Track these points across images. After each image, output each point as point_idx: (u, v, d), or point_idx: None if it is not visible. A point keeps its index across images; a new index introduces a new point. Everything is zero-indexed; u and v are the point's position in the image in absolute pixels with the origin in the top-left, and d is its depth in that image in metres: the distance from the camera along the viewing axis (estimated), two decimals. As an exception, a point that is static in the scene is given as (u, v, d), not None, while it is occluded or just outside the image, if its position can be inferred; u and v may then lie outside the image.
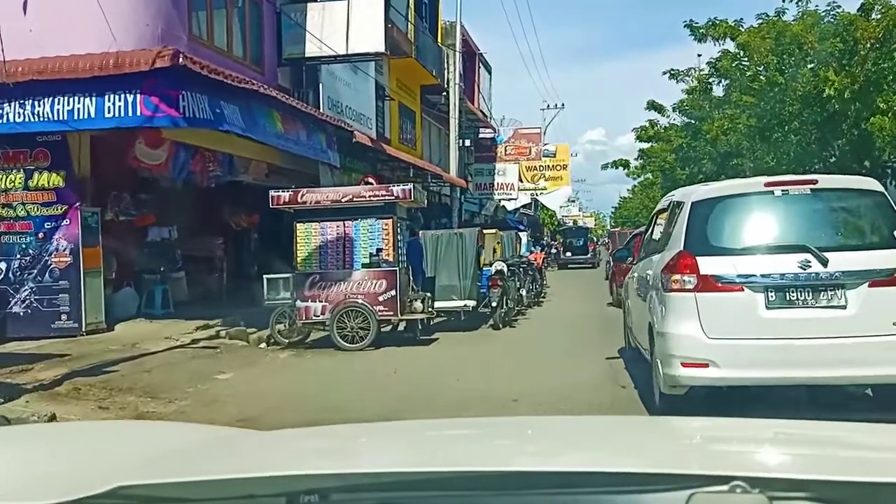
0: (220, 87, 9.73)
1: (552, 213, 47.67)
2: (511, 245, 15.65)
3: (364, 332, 9.88)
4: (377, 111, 20.02)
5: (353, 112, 16.25)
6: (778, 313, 5.03)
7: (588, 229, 41.20)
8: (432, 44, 23.22)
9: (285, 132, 11.90)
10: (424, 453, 1.49)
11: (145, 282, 11.55)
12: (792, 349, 4.98)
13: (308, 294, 10.03)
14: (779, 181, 5.57)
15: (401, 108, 22.26)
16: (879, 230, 5.27)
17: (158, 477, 1.19)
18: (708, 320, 5.06)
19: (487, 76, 31.75)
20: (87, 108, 9.13)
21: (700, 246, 5.26)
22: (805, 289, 5.05)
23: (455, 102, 23.85)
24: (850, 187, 5.74)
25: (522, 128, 33.62)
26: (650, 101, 30.49)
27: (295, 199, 9.99)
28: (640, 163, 36.32)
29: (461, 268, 11.72)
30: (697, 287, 5.13)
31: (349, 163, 16.20)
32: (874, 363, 4.88)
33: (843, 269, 5.02)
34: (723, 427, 1.82)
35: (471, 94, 29.09)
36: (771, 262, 5.12)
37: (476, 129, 30.05)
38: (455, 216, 23.94)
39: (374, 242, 10.04)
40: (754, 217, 5.44)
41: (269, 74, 14.00)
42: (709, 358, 5.02)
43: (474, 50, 29.38)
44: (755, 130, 25.96)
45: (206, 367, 8.36)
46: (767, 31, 22.58)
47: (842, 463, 1.37)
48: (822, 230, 5.37)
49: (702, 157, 33.19)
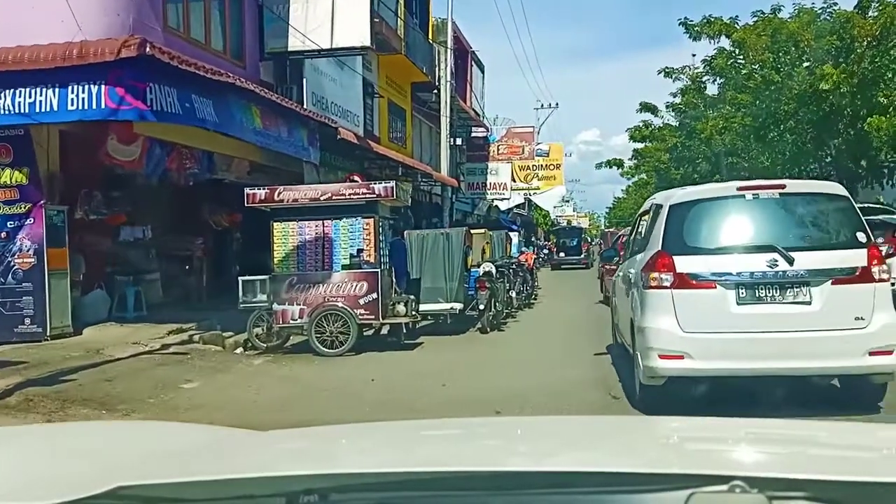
0: (191, 79, 9.20)
1: (546, 214, 47.19)
2: (501, 245, 15.14)
3: (344, 337, 9.37)
4: (365, 108, 19.50)
5: (340, 109, 15.74)
6: (748, 309, 5.36)
7: (582, 229, 40.72)
8: (423, 41, 22.72)
9: (264, 128, 11.37)
10: (424, 453, 1.48)
11: (117, 283, 11.01)
12: (761, 342, 5.30)
13: (285, 297, 9.51)
14: (750, 185, 5.87)
15: (390, 106, 21.75)
16: (843, 232, 5.57)
17: (158, 477, 1.19)
18: (683, 315, 5.38)
19: (480, 75, 31.25)
20: (49, 100, 8.59)
21: (677, 246, 5.57)
22: (773, 286, 5.37)
23: (446, 100, 23.34)
24: (816, 192, 6.09)
25: (515, 127, 33.10)
26: (643, 103, 30.07)
27: (271, 198, 9.47)
28: (634, 163, 35.99)
29: (447, 269, 11.21)
30: (674, 284, 5.45)
31: (335, 160, 15.68)
32: (837, 355, 5.22)
33: (808, 267, 5.34)
34: (721, 427, 1.82)
35: (463, 92, 28.59)
36: (742, 261, 5.44)
37: (468, 127, 29.55)
38: (446, 216, 23.43)
39: (355, 243, 9.53)
40: (727, 219, 5.73)
41: (250, 69, 13.48)
42: (684, 350, 5.33)
43: (466, 48, 28.89)
44: (750, 130, 25.58)
45: (173, 374, 7.83)
46: (763, 29, 22.17)
47: (841, 463, 1.36)
48: (790, 231, 5.63)
49: (696, 157, 32.84)
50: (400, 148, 21.83)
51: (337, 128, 13.77)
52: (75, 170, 10.56)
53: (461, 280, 11.25)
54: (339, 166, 15.61)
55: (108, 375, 7.56)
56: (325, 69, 15.09)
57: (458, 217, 30.09)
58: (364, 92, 19.43)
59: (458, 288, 11.18)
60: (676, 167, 33.35)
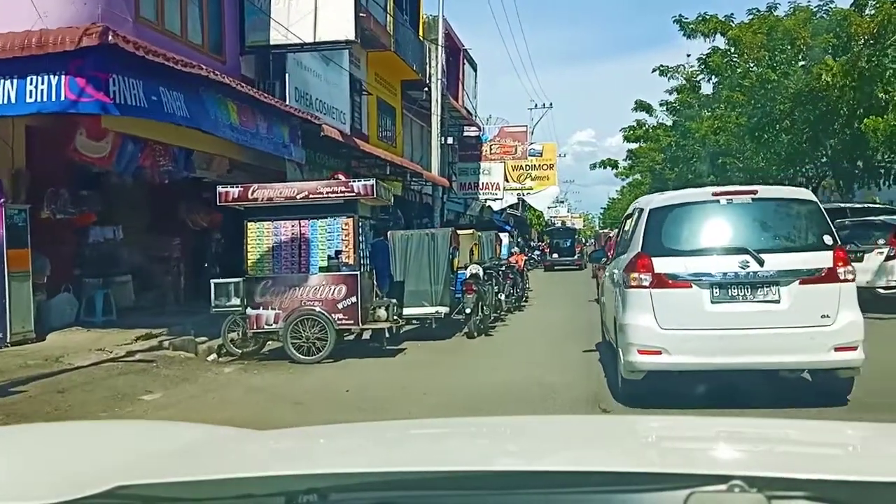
0: (159, 71, 8.66)
1: (540, 214, 46.66)
2: (490, 247, 14.60)
3: (321, 343, 8.83)
4: (353, 106, 18.99)
5: (325, 105, 15.20)
6: (721, 307, 5.63)
7: (575, 230, 40.15)
8: (413, 37, 22.19)
9: (241, 124, 10.82)
10: (424, 452, 1.48)
11: (85, 286, 10.44)
12: (733, 338, 5.57)
13: (259, 301, 8.97)
14: (724, 191, 6.16)
15: (380, 104, 21.23)
16: (810, 235, 5.85)
17: (157, 477, 1.19)
18: (661, 313, 5.65)
19: (472, 73, 30.74)
20: (6, 92, 8.03)
21: (656, 248, 5.84)
22: (744, 286, 5.64)
23: (437, 98, 22.82)
24: (786, 197, 6.36)
25: (508, 126, 32.53)
26: (638, 101, 29.62)
27: (245, 196, 8.92)
28: (629, 163, 35.52)
29: (433, 271, 10.67)
30: (652, 284, 5.70)
31: (320, 158, 15.15)
32: (804, 351, 5.52)
33: (778, 268, 5.62)
34: (720, 427, 1.82)
35: (455, 91, 28.08)
36: (716, 263, 5.71)
37: (460, 127, 29.03)
38: (437, 216, 22.91)
39: (333, 244, 8.99)
40: (703, 223, 6.01)
41: (230, 63, 12.94)
42: (662, 346, 5.60)
43: (458, 46, 28.38)
44: (745, 130, 25.17)
45: (134, 384, 7.28)
46: (759, 26, 21.72)
47: (840, 462, 1.36)
48: (761, 234, 5.88)
49: (691, 157, 32.41)
50: (390, 147, 21.30)
51: (320, 125, 13.22)
52: (42, 167, 10.00)
53: (447, 283, 10.72)
54: (325, 165, 15.07)
55: (63, 386, 7.01)
56: (309, 64, 14.55)
57: (451, 217, 29.57)
58: (352, 89, 18.91)
59: (443, 291, 10.65)
60: (671, 167, 32.90)
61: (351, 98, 18.92)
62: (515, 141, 32.09)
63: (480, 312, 10.83)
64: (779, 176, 33.45)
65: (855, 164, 22.73)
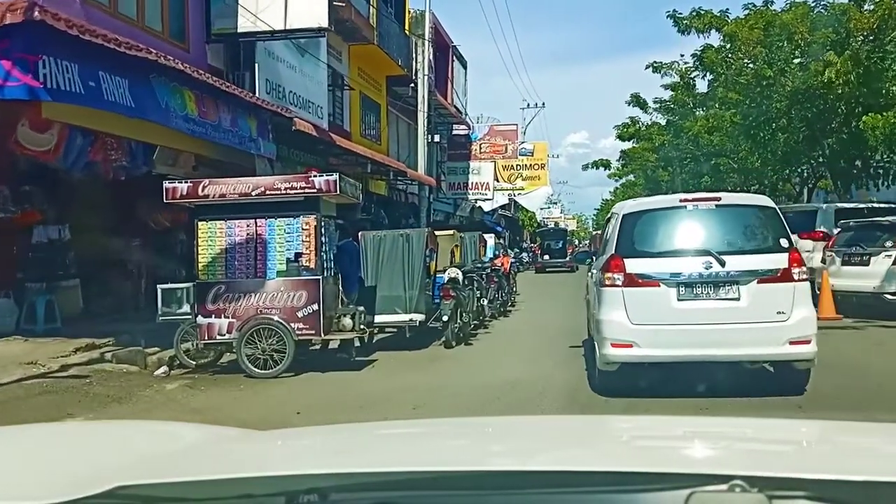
0: (99, 53, 7.75)
1: (532, 215, 45.76)
2: (473, 248, 13.68)
3: (279, 356, 7.93)
4: (334, 101, 18.10)
5: (300, 99, 14.29)
6: (686, 304, 6.04)
7: (567, 231, 39.16)
8: (398, 31, 21.29)
9: (200, 116, 9.91)
10: (424, 453, 1.46)
11: (27, 291, 9.50)
12: (697, 333, 5.97)
13: (211, 308, 8.06)
14: (691, 198, 6.55)
15: (363, 100, 20.32)
16: (768, 238, 6.23)
17: (157, 477, 1.18)
18: (632, 309, 6.06)
19: (462, 70, 29.84)
20: (-77, 76, 7.12)
21: (628, 250, 6.26)
22: (708, 285, 6.04)
23: (424, 95, 21.92)
24: (747, 204, 6.84)
25: (498, 124, 31.57)
26: (633, 95, 28.72)
27: (195, 192, 8.01)
28: (622, 163, 34.70)
29: (407, 275, 9.77)
30: (624, 283, 6.12)
31: (294, 155, 14.23)
32: (761, 344, 5.94)
33: (738, 269, 6.03)
34: (721, 426, 1.84)
35: (443, 88, 27.19)
36: (682, 264, 6.11)
37: (449, 125, 28.14)
38: (424, 216, 22.00)
39: (293, 245, 8.08)
40: (670, 227, 6.40)
41: (195, 52, 12.02)
42: (633, 340, 6.01)
43: (447, 42, 27.48)
44: (741, 129, 24.37)
45: (56, 406, 6.36)
46: (755, 22, 20.87)
47: (841, 462, 1.34)
48: (723, 238, 6.27)
49: (684, 157, 31.61)
50: (374, 144, 20.40)
51: (292, 118, 12.31)
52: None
53: (423, 288, 9.81)
54: (300, 161, 14.15)
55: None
56: (282, 55, 13.64)
57: (440, 218, 28.67)
58: (333, 84, 18.03)
59: (419, 296, 9.74)
60: (664, 167, 32.08)
61: (332, 93, 18.04)
62: (506, 140, 31.10)
63: (459, 320, 9.94)
64: (774, 177, 32.75)
65: (853, 163, 21.97)
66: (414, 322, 9.65)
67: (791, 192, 40.59)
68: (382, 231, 10.32)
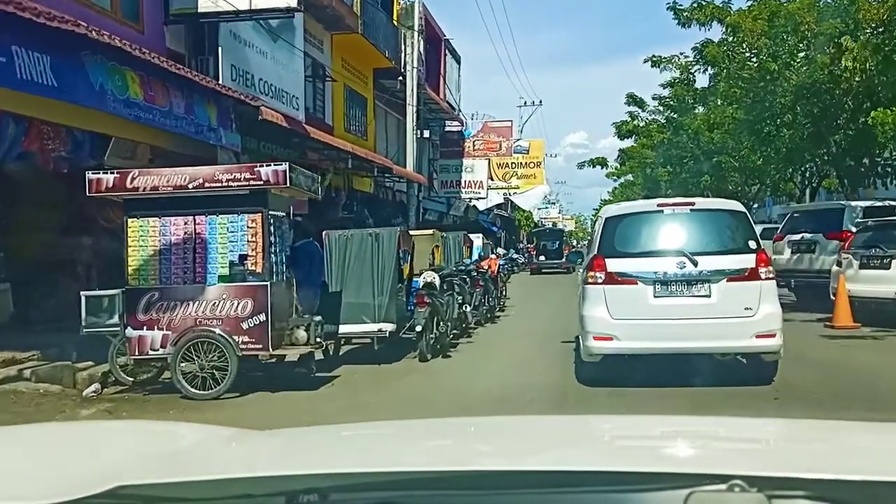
0: (11, 24, 6.61)
1: (529, 215, 44.53)
2: (458, 249, 12.52)
3: (221, 374, 6.80)
4: (315, 93, 16.98)
5: (272, 88, 13.14)
6: (662, 301, 6.51)
7: (563, 231, 37.84)
8: (386, 22, 20.15)
9: (146, 100, 8.77)
10: (424, 452, 1.45)
11: (-55, 298, 8.36)
12: (672, 327, 6.43)
13: (143, 319, 6.93)
14: (668, 203, 7.15)
15: (348, 93, 19.19)
16: (737, 240, 6.66)
17: (157, 477, 1.18)
18: (612, 305, 6.53)
19: (455, 66, 28.67)
20: None
21: (609, 250, 6.71)
22: (681, 283, 6.51)
23: (413, 88, 20.79)
24: (719, 208, 7.19)
25: (492, 121, 30.28)
26: (629, 94, 27.59)
27: (122, 184, 6.86)
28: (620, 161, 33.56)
29: (377, 280, 8.63)
30: (605, 281, 6.59)
31: (264, 148, 13.10)
32: (730, 337, 6.39)
33: (709, 268, 6.49)
34: (720, 426, 1.82)
35: (435, 83, 26.04)
36: (658, 263, 6.55)
37: (441, 121, 26.99)
38: (413, 215, 20.86)
39: (237, 246, 6.95)
40: (648, 229, 6.81)
41: (151, 34, 10.87)
42: (613, 333, 6.49)
43: (439, 35, 26.31)
44: (743, 125, 23.25)
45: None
46: (760, 12, 19.72)
47: (840, 461, 1.35)
48: (696, 240, 6.66)
49: (684, 155, 30.50)
50: (359, 140, 19.25)
51: (257, 107, 11.16)
52: None
53: (394, 294, 8.67)
54: (271, 154, 12.99)
55: None
56: (251, 40, 12.49)
57: (434, 218, 27.53)
58: (314, 74, 16.91)
59: (389, 304, 8.60)
60: (663, 165, 30.93)
61: (312, 84, 16.92)
62: (500, 136, 29.83)
63: (436, 329, 8.81)
64: (776, 176, 31.59)
65: (860, 161, 20.88)
66: (383, 333, 8.51)
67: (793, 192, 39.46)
68: (350, 230, 9.13)
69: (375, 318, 8.52)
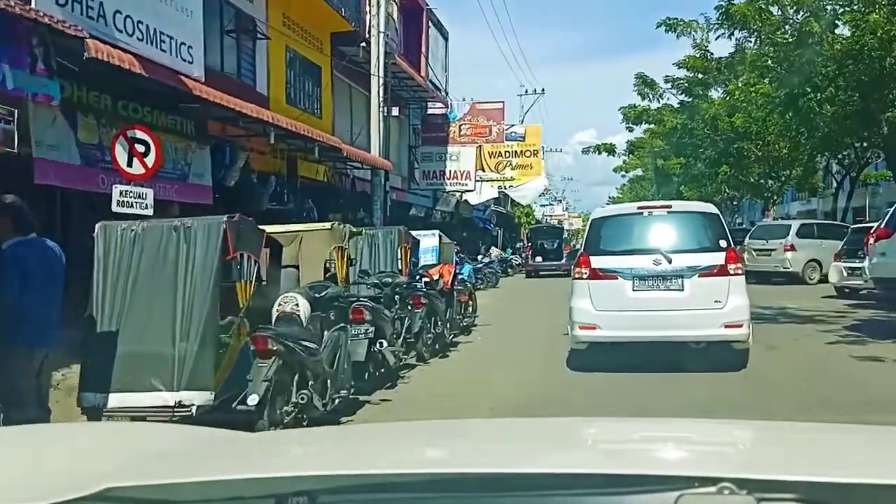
0: None
1: (528, 211, 40.32)
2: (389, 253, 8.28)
3: None
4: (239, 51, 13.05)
5: (143, 28, 9.14)
6: (640, 294, 7.17)
7: (563, 229, 33.51)
8: (343, -26, 16.11)
9: None
10: (413, 455, 1.43)
11: None
12: (649, 318, 7.08)
13: None
14: (647, 206, 8.16)
15: (293, 58, 15.21)
16: (709, 239, 7.35)
17: (147, 478, 1.15)
18: (596, 298, 7.21)
19: (442, 41, 24.60)
20: None
21: (594, 248, 7.52)
22: (657, 278, 7.16)
23: (379, 56, 16.77)
24: (693, 210, 8.06)
25: (481, 102, 26.06)
26: (639, 74, 23.23)
27: None
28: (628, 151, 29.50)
29: (180, 311, 4.61)
30: (590, 276, 7.30)
31: (129, 110, 9.14)
32: (701, 327, 7.00)
33: (683, 265, 7.13)
34: (710, 428, 1.80)
35: (416, 59, 22.01)
36: (636, 260, 7.25)
37: (423, 103, 22.94)
38: (378, 209, 16.85)
39: None
40: (629, 230, 7.66)
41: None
42: (596, 323, 7.17)
43: (421, 5, 22.28)
44: (774, 103, 19.09)
45: None
46: (800, -40, 15.55)
47: (830, 464, 1.31)
48: (672, 239, 7.39)
49: (700, 144, 26.33)
50: (309, 116, 15.28)
51: (82, 39, 7.16)
52: None
53: (211, 336, 4.64)
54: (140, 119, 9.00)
55: None
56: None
57: (420, 215, 23.52)
58: (238, 28, 12.97)
59: (201, 353, 4.57)
60: (676, 154, 26.79)
61: (237, 41, 12.98)
62: (490, 120, 25.52)
63: (294, 397, 4.80)
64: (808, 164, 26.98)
65: (918, 144, 16.75)
66: (187, 409, 4.48)
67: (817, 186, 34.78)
68: (139, 222, 4.91)
69: (174, 382, 4.50)
